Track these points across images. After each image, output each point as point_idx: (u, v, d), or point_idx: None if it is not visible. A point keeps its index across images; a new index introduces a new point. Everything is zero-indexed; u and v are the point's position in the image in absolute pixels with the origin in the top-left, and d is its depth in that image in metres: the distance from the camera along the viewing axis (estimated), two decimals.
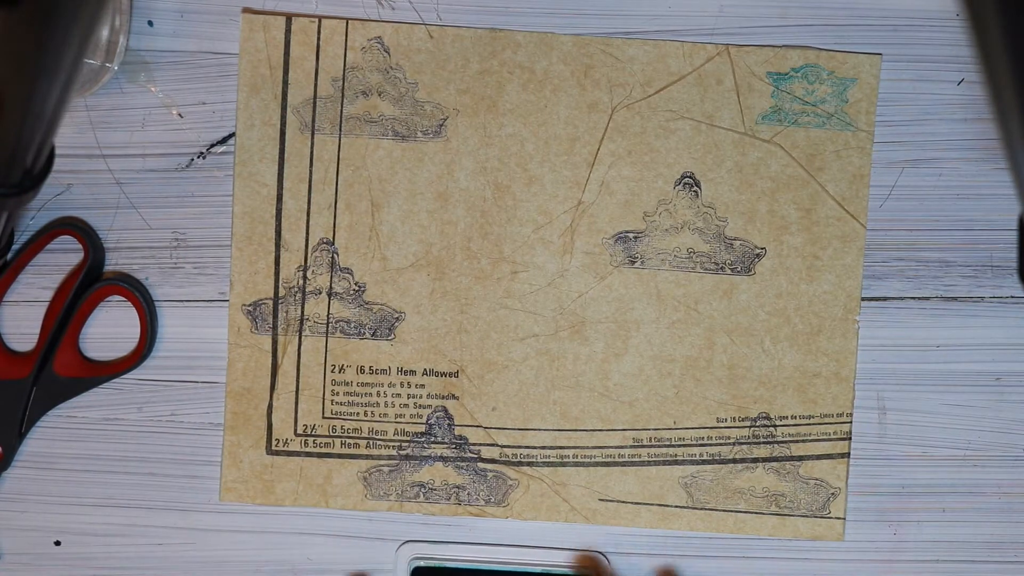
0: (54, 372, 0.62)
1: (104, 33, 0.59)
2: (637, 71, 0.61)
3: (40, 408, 0.62)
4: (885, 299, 0.63)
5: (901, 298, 0.63)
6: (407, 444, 0.62)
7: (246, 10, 0.61)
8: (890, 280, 0.62)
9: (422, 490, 0.63)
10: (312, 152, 0.62)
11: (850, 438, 0.62)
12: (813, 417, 0.62)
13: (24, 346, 0.63)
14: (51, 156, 0.53)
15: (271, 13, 0.61)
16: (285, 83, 0.62)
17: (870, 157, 0.62)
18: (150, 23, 0.61)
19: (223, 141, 0.62)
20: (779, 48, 0.61)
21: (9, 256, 0.61)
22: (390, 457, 0.62)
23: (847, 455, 0.62)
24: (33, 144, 0.49)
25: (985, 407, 0.63)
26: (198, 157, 0.62)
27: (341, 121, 0.62)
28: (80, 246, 0.62)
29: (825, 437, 0.62)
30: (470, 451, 0.62)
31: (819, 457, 0.62)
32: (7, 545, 0.63)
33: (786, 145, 0.61)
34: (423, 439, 0.63)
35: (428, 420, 0.62)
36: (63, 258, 0.62)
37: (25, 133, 0.48)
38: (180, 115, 0.62)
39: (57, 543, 0.63)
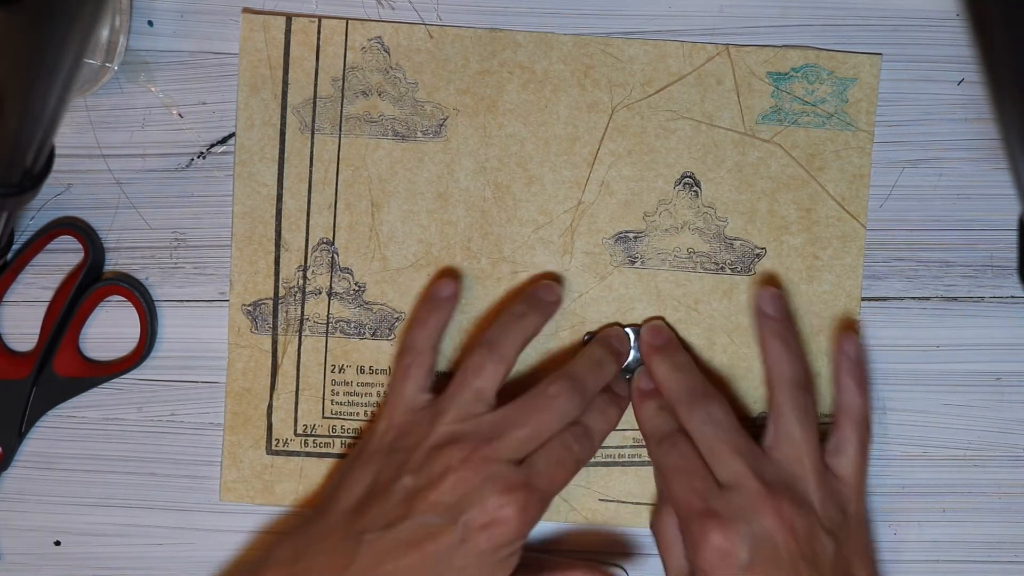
0: (54, 372, 0.62)
1: (104, 33, 0.59)
2: (637, 71, 0.61)
3: (40, 408, 0.62)
4: (885, 299, 0.63)
5: (901, 298, 0.63)
6: None
7: (246, 10, 0.61)
8: (890, 280, 0.63)
9: None
10: (312, 152, 0.62)
11: None
12: None
13: (24, 346, 0.63)
14: (51, 156, 0.53)
15: (271, 13, 0.61)
16: (285, 83, 0.62)
17: (870, 157, 0.62)
18: (150, 23, 0.61)
19: (223, 141, 0.62)
20: (779, 48, 0.61)
21: (9, 256, 0.61)
22: None
23: None
24: (33, 144, 0.49)
25: (985, 407, 0.63)
26: (198, 157, 0.62)
27: (341, 121, 0.62)
28: (80, 246, 0.62)
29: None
30: None
31: None
32: (7, 545, 0.63)
33: (786, 145, 0.61)
34: None
35: None
36: (63, 258, 0.62)
37: (25, 133, 0.48)
38: (180, 115, 0.62)
39: (57, 543, 0.63)
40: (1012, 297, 0.63)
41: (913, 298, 0.63)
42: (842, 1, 0.61)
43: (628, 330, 0.62)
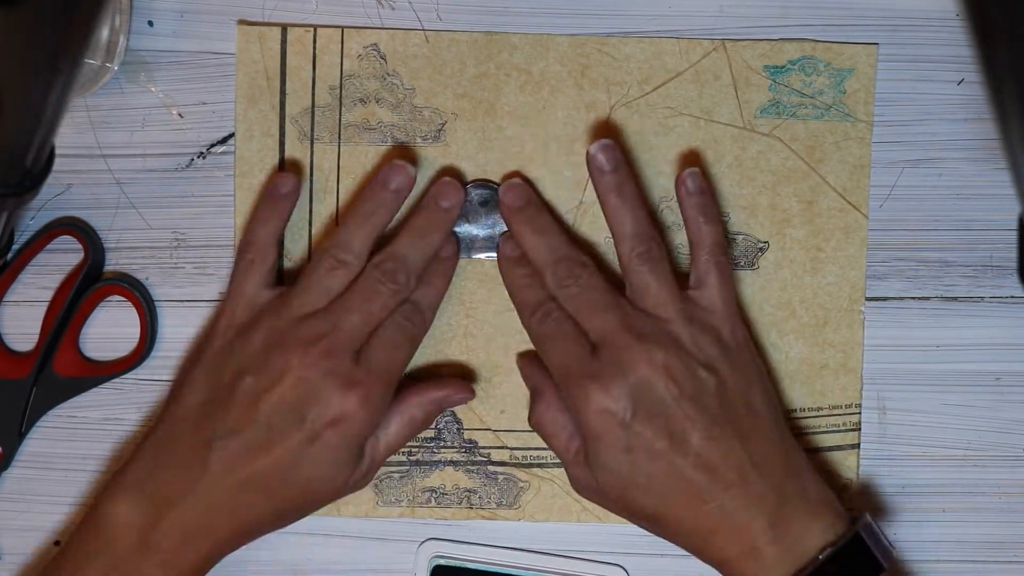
0: (54, 372, 0.62)
1: (104, 33, 0.59)
2: (634, 69, 0.61)
3: (40, 408, 0.62)
4: (885, 299, 0.63)
5: (901, 298, 0.63)
6: (417, 450, 0.62)
7: (242, 21, 0.61)
8: (890, 280, 0.63)
9: (433, 495, 0.62)
10: (312, 161, 0.62)
11: (859, 429, 0.62)
12: (822, 409, 0.62)
13: (24, 346, 0.63)
14: (51, 156, 0.53)
15: (266, 24, 0.61)
16: (283, 93, 0.61)
17: (870, 147, 0.62)
18: (150, 23, 0.61)
19: (223, 141, 0.62)
20: (775, 41, 0.61)
21: (9, 256, 0.61)
22: (400, 463, 0.62)
23: (857, 446, 0.62)
24: (33, 144, 0.49)
25: (985, 407, 0.63)
26: (198, 157, 0.62)
27: (340, 129, 0.62)
28: (80, 246, 0.62)
29: (835, 429, 0.62)
30: (480, 454, 0.62)
31: (829, 449, 0.62)
32: (7, 545, 0.63)
33: (785, 138, 0.61)
34: (433, 444, 0.62)
35: (437, 425, 0.62)
36: (63, 258, 0.62)
37: (25, 133, 0.48)
38: (180, 115, 0.62)
39: (57, 543, 0.63)
40: (1012, 297, 0.63)
41: (913, 298, 0.63)
42: (842, 1, 0.61)
43: (476, 191, 0.61)
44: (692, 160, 0.61)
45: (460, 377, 0.61)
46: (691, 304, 0.58)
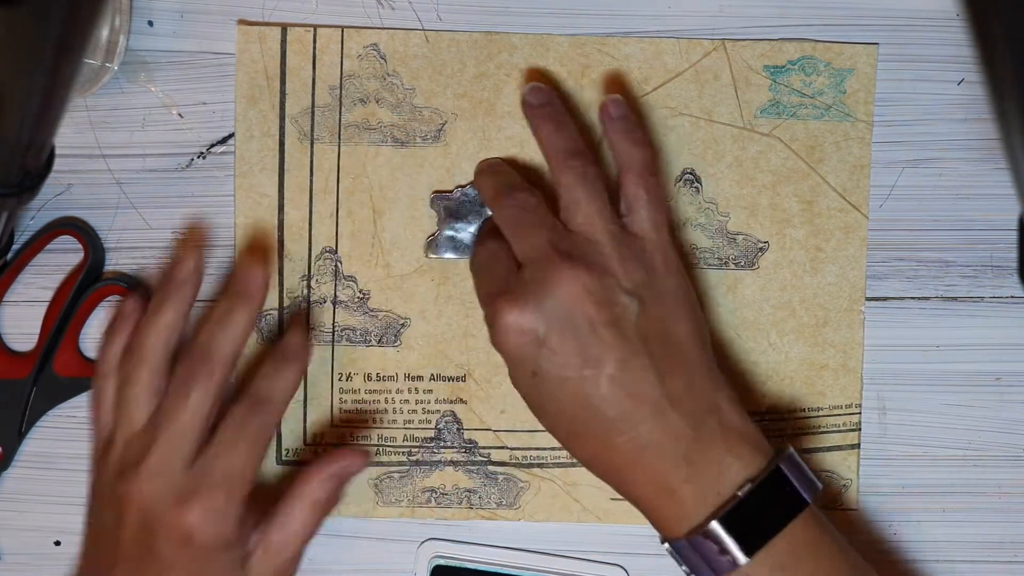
0: (54, 372, 0.62)
1: (104, 33, 0.59)
2: (634, 69, 0.61)
3: (40, 408, 0.62)
4: (885, 299, 0.63)
5: (901, 298, 0.63)
6: (417, 450, 0.62)
7: (241, 21, 0.61)
8: (890, 280, 0.63)
9: (433, 495, 0.62)
10: (312, 161, 0.62)
11: (859, 429, 0.62)
12: (822, 409, 0.62)
13: (24, 346, 0.63)
14: (51, 156, 0.53)
15: (266, 24, 0.61)
16: (283, 93, 0.61)
17: (870, 147, 0.62)
18: (150, 23, 0.61)
19: (223, 141, 0.62)
20: (775, 41, 0.61)
21: (9, 256, 0.61)
22: (400, 463, 0.62)
23: (857, 446, 0.62)
24: (33, 144, 0.49)
25: (985, 407, 0.63)
26: (198, 157, 0.62)
27: (340, 129, 0.62)
28: (80, 246, 0.62)
29: (835, 429, 0.62)
30: (480, 455, 0.62)
31: (829, 449, 0.62)
32: (7, 545, 0.63)
33: (785, 138, 0.61)
34: (433, 444, 0.62)
35: (437, 425, 0.62)
36: (63, 258, 0.62)
37: (25, 133, 0.48)
38: (180, 115, 0.62)
39: (57, 543, 0.63)
40: (1012, 297, 0.63)
41: (913, 298, 0.63)
42: (842, 1, 0.61)
43: (476, 191, 0.61)
44: (616, 87, 0.61)
45: (351, 448, 0.59)
46: (622, 230, 0.55)
